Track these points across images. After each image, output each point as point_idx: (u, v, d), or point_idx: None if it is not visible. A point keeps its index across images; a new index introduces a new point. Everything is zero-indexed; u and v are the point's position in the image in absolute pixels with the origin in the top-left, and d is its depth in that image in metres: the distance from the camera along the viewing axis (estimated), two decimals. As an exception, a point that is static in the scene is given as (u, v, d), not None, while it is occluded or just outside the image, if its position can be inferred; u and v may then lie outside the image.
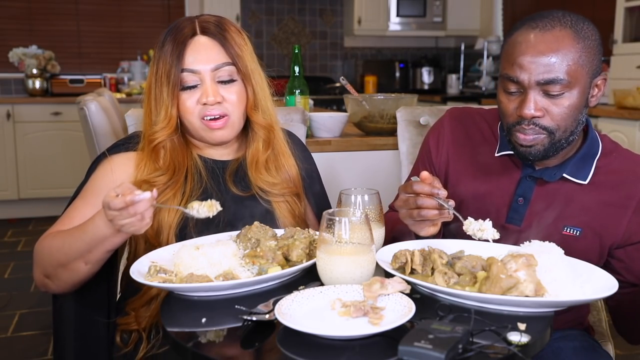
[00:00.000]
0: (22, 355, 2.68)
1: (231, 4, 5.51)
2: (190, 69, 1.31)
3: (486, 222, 1.14)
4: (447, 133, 1.43)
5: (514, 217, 1.32)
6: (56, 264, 1.22)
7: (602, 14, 4.49)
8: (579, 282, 1.01)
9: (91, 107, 2.48)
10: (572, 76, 1.18)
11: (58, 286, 1.27)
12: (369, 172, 2.36)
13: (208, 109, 1.32)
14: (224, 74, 1.33)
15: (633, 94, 3.75)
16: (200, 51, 1.32)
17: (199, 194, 1.34)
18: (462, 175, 1.39)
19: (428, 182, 1.16)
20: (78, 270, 1.21)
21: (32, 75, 5.12)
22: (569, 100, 1.20)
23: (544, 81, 1.18)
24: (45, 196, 4.94)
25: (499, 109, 1.29)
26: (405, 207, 1.19)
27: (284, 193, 1.40)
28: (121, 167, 1.34)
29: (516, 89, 1.22)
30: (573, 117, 1.22)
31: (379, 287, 0.96)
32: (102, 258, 1.20)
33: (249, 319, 0.93)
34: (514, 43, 1.23)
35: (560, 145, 1.24)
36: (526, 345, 0.85)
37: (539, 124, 1.21)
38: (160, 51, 1.33)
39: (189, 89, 1.32)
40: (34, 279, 1.29)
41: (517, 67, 1.20)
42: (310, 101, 2.67)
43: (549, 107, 1.20)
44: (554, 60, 1.17)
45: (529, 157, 1.25)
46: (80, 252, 1.18)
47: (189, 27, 1.34)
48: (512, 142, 1.27)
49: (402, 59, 6.26)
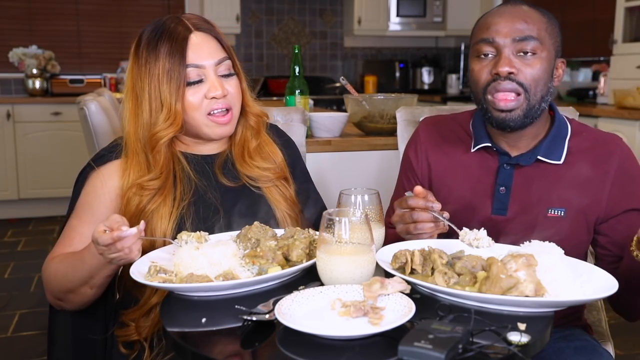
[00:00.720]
0: (22, 355, 2.67)
1: (231, 4, 5.51)
2: (195, 64, 1.31)
3: (481, 232, 1.18)
4: (424, 141, 1.48)
5: (499, 208, 1.36)
6: (65, 290, 1.27)
7: (602, 14, 4.49)
8: (579, 282, 1.01)
9: (91, 107, 2.48)
10: (542, 39, 1.28)
11: (71, 307, 1.32)
12: (369, 172, 2.36)
13: (216, 103, 1.32)
14: (224, 68, 1.35)
15: (633, 94, 3.75)
16: (202, 47, 1.32)
17: (190, 196, 1.33)
18: (444, 178, 1.44)
19: (422, 196, 1.20)
20: (85, 294, 1.26)
21: (32, 75, 5.12)
22: (540, 63, 1.27)
23: (519, 38, 1.26)
24: (45, 196, 4.94)
25: (471, 79, 1.33)
26: (401, 222, 1.23)
27: (272, 179, 1.42)
28: (111, 177, 1.33)
29: (490, 51, 1.28)
30: (543, 81, 1.28)
31: (379, 287, 0.96)
32: (105, 282, 1.25)
33: (249, 319, 0.93)
34: (485, 17, 1.32)
35: (534, 111, 1.29)
36: (526, 345, 0.85)
37: (515, 79, 1.26)
38: (150, 51, 1.31)
39: (194, 84, 1.31)
40: (48, 299, 1.36)
41: (492, 30, 1.28)
42: (310, 101, 2.67)
43: (521, 67, 1.26)
44: (526, 25, 1.27)
45: (508, 123, 1.29)
46: (84, 279, 1.23)
47: (181, 25, 1.33)
48: (489, 110, 1.30)
49: (402, 59, 6.25)
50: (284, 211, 1.41)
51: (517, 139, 1.35)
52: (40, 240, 4.34)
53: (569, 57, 4.99)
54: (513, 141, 1.36)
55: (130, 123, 1.34)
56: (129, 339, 1.29)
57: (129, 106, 1.34)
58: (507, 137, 1.35)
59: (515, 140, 1.35)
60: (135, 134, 1.33)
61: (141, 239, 1.11)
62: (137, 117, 1.33)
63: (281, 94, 2.67)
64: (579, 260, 1.12)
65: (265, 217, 1.37)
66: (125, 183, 1.31)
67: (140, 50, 1.33)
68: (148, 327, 1.27)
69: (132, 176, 1.32)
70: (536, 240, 1.08)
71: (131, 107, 1.34)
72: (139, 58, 1.33)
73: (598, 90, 4.33)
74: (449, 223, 1.21)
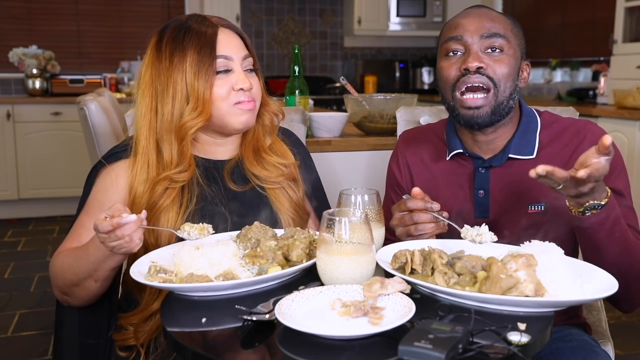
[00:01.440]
0: (22, 355, 2.67)
1: (231, 4, 5.51)
2: (225, 55, 1.33)
3: (482, 227, 1.18)
4: (404, 154, 1.52)
5: (482, 211, 1.38)
6: (70, 284, 1.27)
7: (602, 14, 4.49)
8: (579, 282, 1.01)
9: (91, 107, 2.48)
10: (508, 38, 1.30)
11: (77, 301, 1.31)
12: (369, 172, 2.36)
13: (242, 95, 1.34)
14: (248, 63, 1.38)
15: (633, 94, 3.75)
16: (231, 40, 1.36)
17: (195, 202, 1.33)
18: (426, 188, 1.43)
19: (420, 197, 1.22)
20: (90, 288, 1.26)
21: (32, 75, 5.12)
22: (507, 60, 1.29)
23: (487, 34, 1.29)
24: (45, 196, 4.95)
25: (439, 77, 1.35)
26: (401, 225, 1.24)
27: (280, 180, 1.42)
28: (122, 175, 1.34)
29: (459, 49, 1.31)
30: (511, 78, 1.30)
31: (379, 287, 0.96)
32: (109, 275, 1.24)
33: (249, 319, 0.93)
34: (453, 19, 1.36)
35: (501, 109, 1.30)
36: (526, 345, 0.85)
37: (485, 73, 1.28)
38: (180, 45, 1.31)
39: (223, 74, 1.33)
40: (55, 295, 1.35)
41: (460, 28, 1.31)
42: (310, 101, 2.67)
43: (490, 63, 1.29)
44: (492, 23, 1.31)
45: (476, 121, 1.30)
46: (88, 272, 1.22)
47: (207, 22, 1.35)
48: (457, 109, 1.31)
49: (402, 59, 6.25)
50: (288, 215, 1.41)
51: (488, 142, 1.37)
52: (40, 240, 4.35)
53: (569, 57, 5.00)
54: (485, 144, 1.37)
55: (146, 119, 1.33)
56: (126, 343, 1.29)
57: (147, 101, 1.34)
58: (478, 141, 1.37)
59: (486, 144, 1.37)
60: (150, 130, 1.33)
61: (142, 228, 1.11)
62: (157, 112, 1.33)
63: (281, 94, 2.66)
64: (578, 260, 1.12)
65: (271, 221, 1.37)
66: (132, 181, 1.32)
67: (162, 45, 1.33)
68: (147, 333, 1.27)
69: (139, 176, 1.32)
70: (536, 240, 1.08)
71: (149, 102, 1.34)
72: (160, 53, 1.33)
73: (598, 90, 4.33)
74: (449, 222, 1.22)
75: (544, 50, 5.11)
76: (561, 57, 5.04)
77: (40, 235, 4.48)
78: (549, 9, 5.12)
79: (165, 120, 1.32)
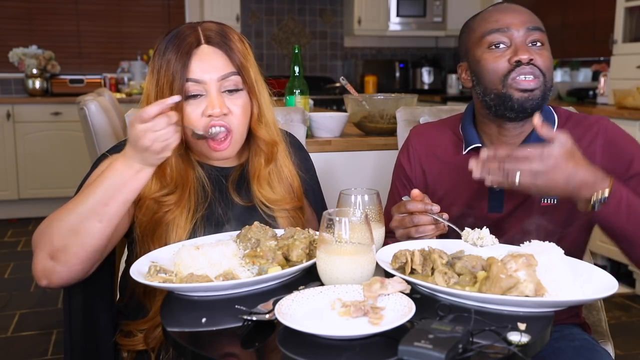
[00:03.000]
0: (22, 355, 2.68)
1: (231, 4, 5.51)
2: (195, 78, 1.26)
3: (484, 230, 1.17)
4: (416, 148, 1.51)
5: (495, 206, 1.38)
6: (66, 231, 1.14)
7: (602, 14, 4.49)
8: (579, 282, 1.01)
9: (91, 107, 2.48)
10: (545, 32, 1.33)
11: (65, 265, 1.15)
12: (369, 172, 2.36)
13: (213, 120, 1.27)
14: (229, 83, 1.29)
15: (633, 94, 3.75)
16: (206, 61, 1.28)
17: (204, 209, 1.32)
18: (439, 182, 1.46)
19: (419, 199, 1.22)
20: (90, 232, 1.13)
21: (32, 75, 5.12)
22: (547, 53, 1.33)
23: (532, 27, 1.32)
24: (45, 196, 4.94)
25: (484, 69, 1.33)
26: (401, 227, 1.24)
27: (287, 208, 1.39)
28: None
29: (504, 41, 1.32)
30: (551, 70, 1.33)
31: (379, 287, 0.96)
32: (118, 211, 1.14)
33: (249, 319, 0.93)
34: (489, 12, 1.36)
35: (547, 96, 1.33)
36: (526, 345, 0.85)
37: (536, 64, 1.30)
38: (161, 59, 1.28)
39: (193, 99, 1.27)
40: (35, 270, 1.16)
41: (502, 21, 1.32)
42: (310, 101, 2.67)
43: (536, 56, 1.31)
44: (532, 17, 1.34)
45: (529, 104, 1.31)
46: (94, 207, 1.13)
47: (192, 35, 1.29)
48: (509, 94, 1.31)
49: (402, 59, 6.25)
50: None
51: (515, 136, 1.37)
52: (40, 240, 4.34)
53: (569, 57, 5.00)
54: (511, 139, 1.38)
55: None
56: (135, 348, 1.28)
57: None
58: (505, 135, 1.37)
59: (512, 138, 1.37)
60: None
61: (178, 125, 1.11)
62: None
63: (281, 94, 2.66)
64: (579, 260, 1.12)
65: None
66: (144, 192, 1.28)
67: (155, 55, 1.31)
68: (157, 339, 1.25)
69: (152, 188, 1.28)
70: (536, 240, 1.08)
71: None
72: (154, 63, 1.30)
73: (598, 90, 4.33)
74: (449, 224, 1.22)
75: (544, 50, 5.10)
76: (561, 57, 5.04)
77: (40, 235, 4.48)
78: (549, 9, 5.12)
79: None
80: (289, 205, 1.38)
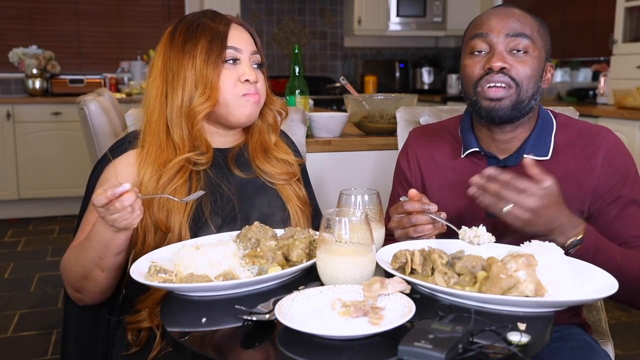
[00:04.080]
0: (22, 355, 2.67)
1: (231, 4, 5.51)
2: (235, 46, 1.37)
3: (480, 228, 1.18)
4: (415, 151, 1.52)
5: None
6: (78, 277, 1.27)
7: (602, 14, 4.49)
8: (579, 282, 1.01)
9: (91, 107, 2.49)
10: (534, 39, 1.30)
11: (90, 297, 1.31)
12: (369, 172, 2.36)
13: (248, 87, 1.37)
14: (256, 59, 1.41)
15: (633, 94, 3.75)
16: (242, 35, 1.40)
17: (202, 184, 1.35)
18: (436, 185, 1.46)
19: (417, 199, 1.22)
20: (97, 278, 1.25)
21: (32, 75, 5.12)
22: (532, 62, 1.30)
23: (512, 34, 1.29)
24: (45, 196, 4.95)
25: (463, 74, 1.36)
26: (399, 227, 1.25)
27: (285, 178, 1.46)
28: (124, 170, 1.35)
29: (484, 48, 1.31)
30: (534, 79, 1.31)
31: (379, 287, 0.96)
32: (114, 262, 1.23)
33: (249, 319, 0.93)
34: (479, 16, 1.36)
35: (522, 106, 1.30)
36: (526, 345, 0.85)
37: (508, 74, 1.29)
38: (193, 34, 1.36)
39: (231, 64, 1.37)
40: (70, 295, 1.35)
41: (486, 25, 1.31)
42: (310, 101, 2.67)
43: (514, 64, 1.29)
44: (519, 23, 1.30)
45: (497, 113, 1.30)
46: (93, 261, 1.22)
47: (221, 17, 1.41)
48: (479, 102, 1.32)
49: (402, 59, 6.25)
50: (296, 206, 1.44)
51: (506, 141, 1.37)
52: (40, 240, 4.35)
53: (569, 57, 5.00)
54: (502, 144, 1.37)
55: (157, 102, 1.37)
56: (141, 325, 1.29)
57: (158, 85, 1.37)
58: (496, 139, 1.37)
59: (503, 143, 1.37)
60: (160, 114, 1.37)
61: (141, 199, 1.12)
62: (167, 96, 1.37)
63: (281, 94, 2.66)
64: (579, 260, 1.12)
65: (278, 209, 1.41)
66: (140, 169, 1.33)
67: (175, 34, 1.38)
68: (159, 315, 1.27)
69: (148, 166, 1.33)
70: (536, 241, 1.08)
71: (160, 86, 1.37)
72: (173, 40, 1.38)
73: (598, 90, 4.33)
74: (447, 223, 1.22)
75: (544, 50, 5.10)
76: (561, 57, 5.04)
77: (40, 235, 4.48)
78: (549, 9, 5.12)
79: (176, 105, 1.36)
80: (286, 175, 1.47)
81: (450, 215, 1.27)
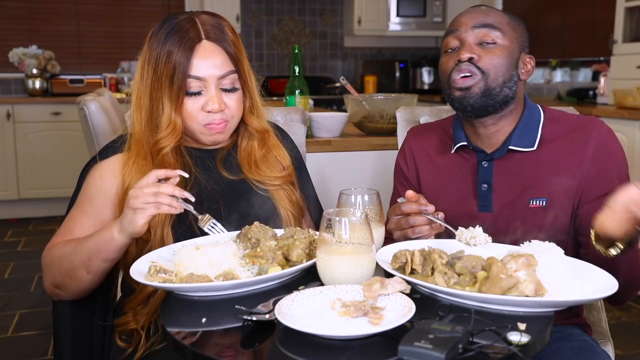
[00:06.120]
0: (22, 355, 2.68)
1: (231, 4, 5.51)
2: (197, 75, 1.31)
3: (477, 229, 1.18)
4: (411, 149, 1.54)
5: (484, 205, 1.39)
6: (64, 273, 1.26)
7: (602, 14, 4.49)
8: (579, 282, 1.01)
9: (91, 107, 2.49)
10: (503, 30, 1.33)
11: (67, 294, 1.31)
12: (369, 172, 2.36)
13: (212, 116, 1.33)
14: (227, 82, 1.34)
15: (633, 94, 3.75)
16: (208, 58, 1.31)
17: (190, 186, 1.33)
18: (431, 182, 1.48)
19: (414, 200, 1.24)
20: (81, 279, 1.25)
21: (32, 75, 5.12)
22: (500, 51, 1.32)
23: (480, 24, 1.33)
24: (45, 196, 4.94)
25: (439, 71, 1.41)
26: (398, 228, 1.26)
27: (277, 183, 1.43)
28: (109, 172, 1.34)
29: (456, 45, 1.35)
30: (505, 67, 1.32)
31: (379, 287, 0.96)
32: (100, 267, 1.24)
33: (249, 319, 0.93)
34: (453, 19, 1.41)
35: (494, 94, 1.32)
36: (526, 345, 0.85)
37: (474, 64, 1.32)
38: (161, 49, 1.31)
39: (193, 95, 1.32)
40: (45, 289, 1.35)
41: (456, 23, 1.37)
42: (310, 101, 2.67)
43: (482, 54, 1.32)
44: (486, 16, 1.35)
45: (467, 102, 1.33)
46: (83, 260, 1.22)
47: (193, 30, 1.32)
48: (452, 93, 1.35)
49: (402, 59, 6.25)
50: (288, 210, 1.41)
51: (490, 135, 1.39)
52: (40, 240, 4.34)
53: (569, 57, 5.00)
54: (486, 138, 1.39)
55: (137, 114, 1.36)
56: (127, 327, 1.29)
57: (136, 102, 1.36)
58: (480, 134, 1.39)
59: (487, 137, 1.39)
60: (139, 126, 1.36)
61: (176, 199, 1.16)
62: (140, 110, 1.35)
63: (281, 94, 2.66)
64: (579, 260, 1.12)
65: (266, 212, 1.38)
66: (127, 178, 1.32)
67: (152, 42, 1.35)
68: (146, 315, 1.28)
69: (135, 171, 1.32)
70: (536, 241, 1.08)
71: (137, 103, 1.36)
72: (151, 51, 1.34)
73: (598, 90, 4.33)
74: (444, 223, 1.23)
75: (544, 50, 5.11)
76: (561, 57, 5.04)
77: (40, 235, 4.48)
78: (549, 9, 5.12)
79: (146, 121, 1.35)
80: (278, 180, 1.43)
81: (446, 211, 1.28)
